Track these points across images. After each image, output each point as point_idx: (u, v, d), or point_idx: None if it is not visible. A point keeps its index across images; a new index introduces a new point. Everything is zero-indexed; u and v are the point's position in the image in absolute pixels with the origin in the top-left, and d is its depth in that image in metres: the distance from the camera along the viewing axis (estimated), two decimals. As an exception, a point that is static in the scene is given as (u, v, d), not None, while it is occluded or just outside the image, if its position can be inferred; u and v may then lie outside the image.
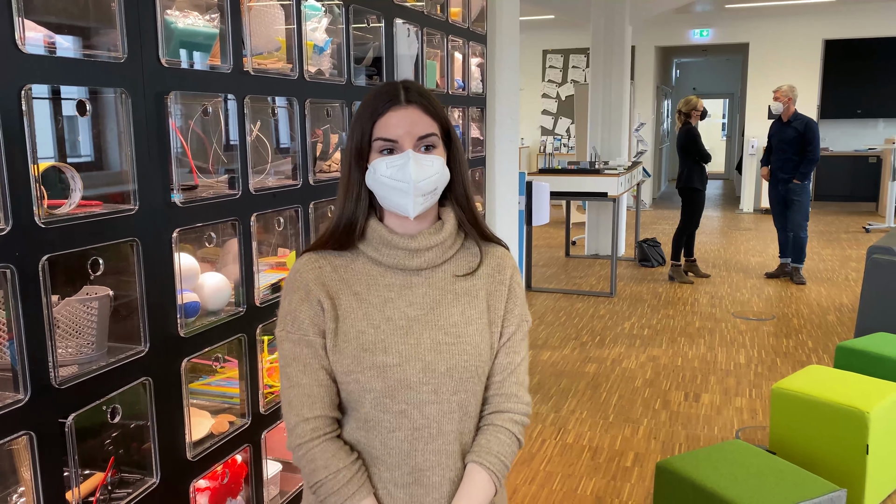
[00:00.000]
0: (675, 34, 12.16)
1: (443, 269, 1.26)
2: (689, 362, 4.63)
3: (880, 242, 4.41)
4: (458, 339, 1.21)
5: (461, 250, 1.29)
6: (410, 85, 1.23)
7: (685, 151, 6.63)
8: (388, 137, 1.20)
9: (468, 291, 1.26)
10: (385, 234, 1.23)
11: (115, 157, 1.44)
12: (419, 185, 1.18)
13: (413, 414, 1.19)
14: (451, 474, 1.23)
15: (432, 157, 1.21)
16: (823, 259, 7.74)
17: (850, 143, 12.09)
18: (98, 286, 1.41)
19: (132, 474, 1.48)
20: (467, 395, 1.23)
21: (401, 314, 1.21)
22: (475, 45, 3.21)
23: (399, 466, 1.21)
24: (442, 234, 1.25)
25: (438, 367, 1.19)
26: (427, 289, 1.24)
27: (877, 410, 2.81)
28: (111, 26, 1.36)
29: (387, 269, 1.24)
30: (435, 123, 1.22)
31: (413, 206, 1.19)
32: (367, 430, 1.21)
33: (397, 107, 1.20)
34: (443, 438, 1.21)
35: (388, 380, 1.17)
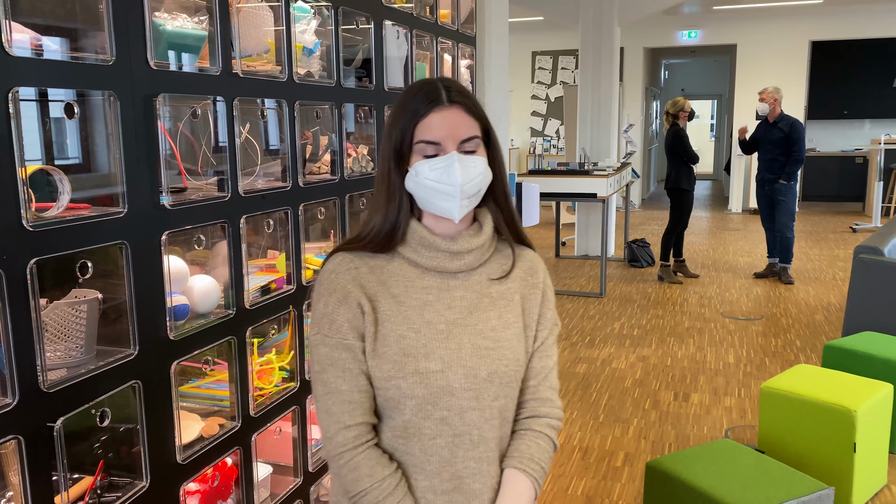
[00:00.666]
0: (664, 35, 12.22)
1: (479, 272, 1.24)
2: (678, 362, 4.65)
3: (867, 242, 4.44)
4: (497, 343, 1.20)
5: (495, 253, 1.27)
6: (451, 84, 1.19)
7: (673, 152, 6.66)
8: (431, 140, 1.16)
9: (504, 295, 1.24)
10: (426, 235, 1.20)
11: (103, 159, 1.43)
12: (465, 188, 1.15)
13: (454, 421, 1.17)
14: (491, 481, 1.21)
15: (476, 158, 1.18)
16: (811, 259, 7.79)
17: (837, 144, 12.18)
18: (87, 289, 1.40)
19: (121, 478, 1.47)
20: (507, 400, 1.21)
21: (440, 318, 1.18)
22: (464, 46, 3.21)
23: (439, 473, 1.18)
24: (482, 236, 1.23)
25: (480, 373, 1.17)
26: (465, 292, 1.22)
27: (864, 409, 2.83)
28: (99, 28, 1.35)
29: (424, 272, 1.21)
30: (477, 124, 1.19)
31: (459, 210, 1.17)
32: (407, 437, 1.17)
33: (440, 107, 1.16)
34: (484, 445, 1.19)
35: (430, 386, 1.15)
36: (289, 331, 1.97)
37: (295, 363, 1.98)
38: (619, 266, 7.59)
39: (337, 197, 2.16)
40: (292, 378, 1.98)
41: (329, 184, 2.12)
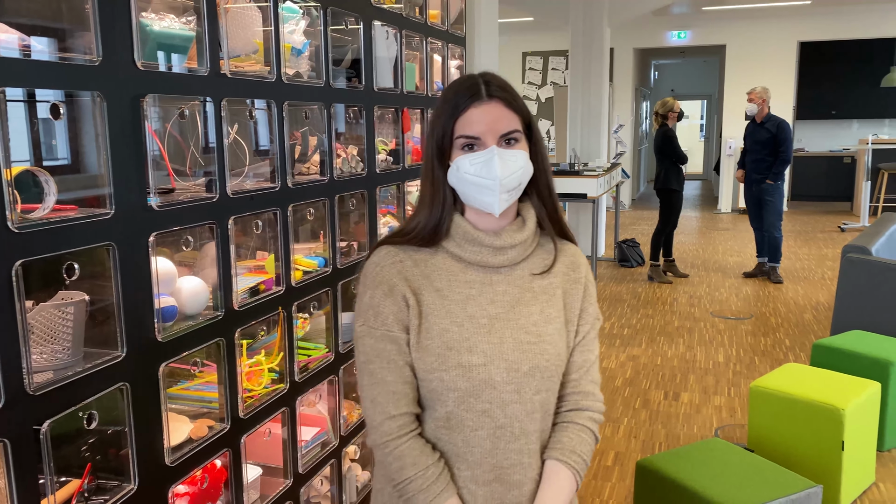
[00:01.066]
0: (653, 36, 12.26)
1: (521, 266, 1.25)
2: (668, 361, 4.67)
3: (855, 241, 4.47)
4: (539, 338, 1.21)
5: (538, 248, 1.28)
6: (491, 78, 1.21)
7: (662, 153, 6.68)
8: (471, 135, 1.17)
9: (546, 290, 1.25)
10: (470, 230, 1.22)
11: (91, 160, 1.42)
12: (504, 182, 1.16)
13: (496, 413, 1.19)
14: (532, 473, 1.23)
15: (516, 151, 1.19)
16: (800, 258, 7.83)
17: (825, 144, 12.25)
18: (73, 291, 1.39)
19: (109, 481, 1.46)
20: (548, 394, 1.23)
21: (483, 312, 1.20)
22: (454, 47, 3.21)
23: (480, 464, 1.20)
24: (525, 231, 1.24)
25: (522, 367, 1.19)
26: (507, 286, 1.23)
27: (852, 407, 2.85)
28: (86, 28, 1.34)
29: (468, 266, 1.23)
30: (517, 118, 1.20)
31: (499, 204, 1.18)
32: (450, 428, 1.20)
33: (479, 102, 1.17)
34: (525, 438, 1.21)
35: (472, 379, 1.17)
36: (278, 332, 1.96)
37: (284, 365, 1.97)
38: (609, 266, 7.61)
39: (326, 197, 2.16)
40: (281, 380, 1.98)
41: (318, 184, 2.12)
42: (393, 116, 2.65)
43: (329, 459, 2.22)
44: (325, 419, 2.23)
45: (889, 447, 3.41)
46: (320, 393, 2.23)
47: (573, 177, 6.55)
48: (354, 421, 2.38)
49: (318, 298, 2.15)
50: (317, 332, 2.21)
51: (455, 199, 1.24)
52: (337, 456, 2.26)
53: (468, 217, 1.24)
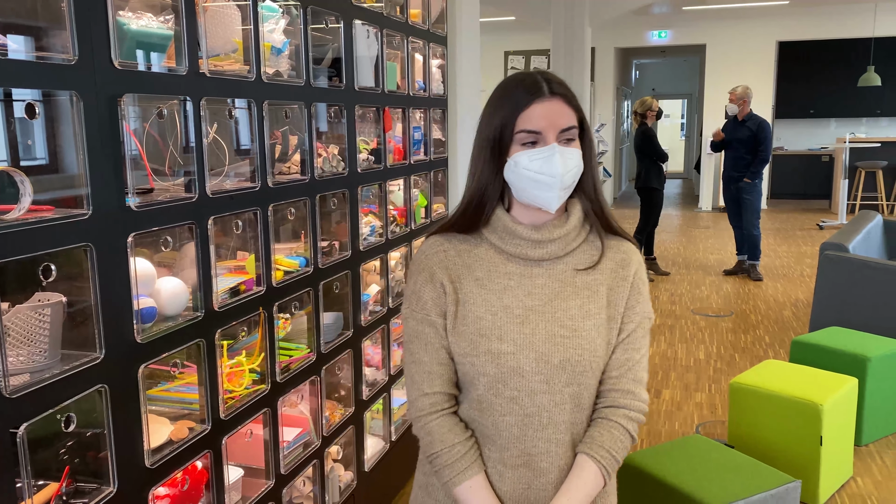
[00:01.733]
0: (634, 36, 12.32)
1: (564, 261, 1.27)
2: (649, 359, 4.69)
3: (832, 239, 4.53)
4: (573, 332, 1.22)
5: (584, 243, 1.29)
6: (551, 76, 1.23)
7: (642, 152, 6.73)
8: (533, 129, 1.20)
9: (589, 286, 1.26)
10: (509, 223, 1.25)
11: (70, 160, 1.41)
12: (564, 179, 1.19)
13: (524, 401, 1.22)
14: (560, 462, 1.25)
15: (573, 149, 1.22)
16: (779, 256, 7.91)
17: (804, 143, 12.39)
18: (51, 293, 1.38)
19: (88, 483, 1.45)
20: (580, 388, 1.24)
21: (519, 303, 1.23)
22: (436, 46, 3.21)
23: (509, 448, 1.24)
24: (567, 226, 1.26)
25: (552, 359, 1.21)
26: (547, 280, 1.25)
27: (830, 403, 2.88)
28: (62, 27, 1.33)
29: (509, 258, 1.26)
30: (575, 115, 1.23)
31: (556, 200, 1.21)
32: (481, 410, 1.25)
33: (541, 99, 1.20)
34: (553, 427, 1.24)
35: (501, 366, 1.21)
36: (259, 333, 1.95)
37: (265, 365, 1.97)
38: (591, 264, 7.63)
39: (307, 197, 2.15)
40: (263, 380, 1.97)
41: (299, 184, 2.11)
42: (374, 116, 2.64)
43: (311, 460, 2.21)
44: (307, 420, 2.22)
45: (866, 442, 3.45)
46: (302, 393, 2.22)
47: (555, 176, 6.56)
48: (337, 421, 2.38)
49: (300, 298, 2.15)
50: (298, 332, 2.20)
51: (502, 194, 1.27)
52: (319, 456, 2.25)
53: (514, 212, 1.27)
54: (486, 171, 1.24)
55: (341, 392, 2.48)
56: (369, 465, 2.59)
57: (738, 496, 2.22)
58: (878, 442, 3.48)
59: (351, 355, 2.46)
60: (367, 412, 2.58)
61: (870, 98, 11.68)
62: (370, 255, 2.58)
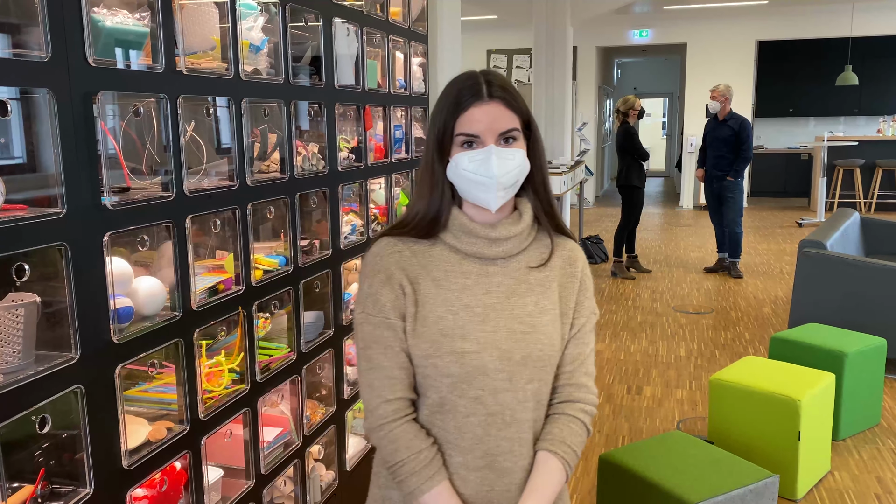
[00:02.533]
0: (616, 35, 12.39)
1: (518, 259, 1.28)
2: (631, 356, 4.73)
3: (811, 237, 4.58)
4: (532, 328, 1.23)
5: (534, 241, 1.31)
6: (493, 78, 1.23)
7: (624, 150, 6.76)
8: (470, 133, 1.21)
9: (542, 282, 1.28)
10: (466, 222, 1.25)
11: (48, 159, 1.39)
12: (501, 180, 1.20)
13: (488, 400, 1.22)
14: (523, 462, 1.25)
15: (513, 150, 1.22)
16: (759, 253, 7.99)
17: (783, 141, 12.51)
18: (25, 293, 1.36)
19: (64, 485, 1.43)
20: (541, 383, 1.26)
21: (478, 301, 1.23)
22: (416, 44, 3.21)
23: (472, 450, 1.23)
24: (521, 224, 1.27)
25: (514, 356, 1.21)
26: (503, 278, 1.26)
27: (808, 398, 2.91)
28: (36, 24, 1.31)
29: (465, 257, 1.26)
30: (516, 117, 1.23)
31: (495, 201, 1.21)
32: (443, 413, 1.23)
33: (480, 102, 1.20)
34: (516, 426, 1.24)
35: (465, 366, 1.20)
36: (238, 332, 1.94)
37: (245, 365, 1.95)
38: (573, 262, 7.66)
39: (287, 196, 2.14)
40: (242, 380, 1.96)
41: (278, 182, 2.10)
42: (354, 114, 2.63)
43: (292, 460, 2.20)
44: (287, 419, 2.21)
45: (844, 436, 3.50)
46: (282, 393, 2.21)
47: (537, 174, 6.58)
48: (318, 421, 2.37)
49: (280, 298, 2.14)
50: (278, 331, 2.19)
51: (454, 192, 1.27)
52: (300, 456, 2.24)
53: (467, 210, 1.28)
54: (437, 171, 1.25)
55: (322, 391, 2.47)
56: (351, 464, 2.58)
57: (717, 491, 2.24)
58: (854, 437, 3.53)
59: (332, 354, 2.45)
60: (348, 411, 2.58)
61: (847, 97, 11.82)
62: (351, 253, 2.57)
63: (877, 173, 10.92)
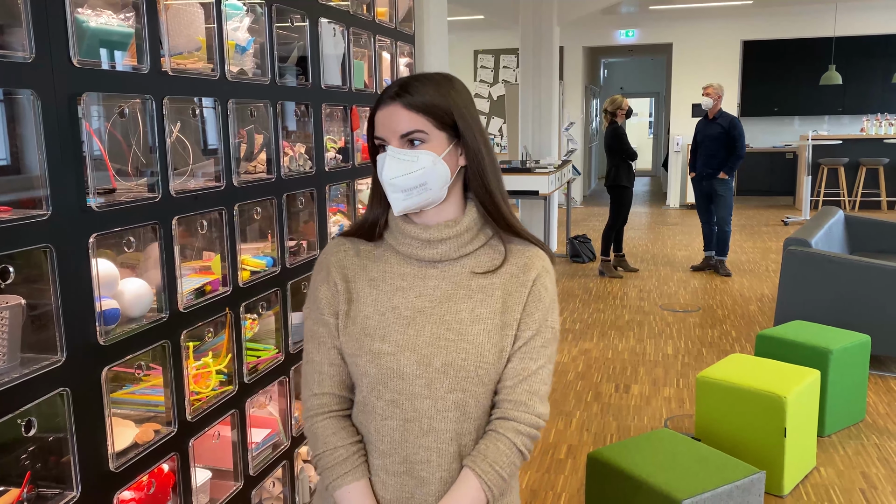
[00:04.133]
0: (602, 35, 12.43)
1: (461, 263, 1.24)
2: (619, 355, 4.75)
3: (796, 234, 4.61)
4: (459, 335, 1.18)
5: (485, 247, 1.25)
6: (410, 80, 1.20)
7: (612, 150, 6.79)
8: (377, 136, 1.21)
9: (483, 289, 1.22)
10: (401, 224, 1.25)
11: (31, 161, 1.38)
12: (395, 182, 1.18)
13: (404, 405, 1.19)
14: (442, 473, 1.20)
15: (417, 151, 1.17)
16: (745, 251, 8.04)
17: (769, 140, 12.60)
18: (9, 295, 1.35)
19: (50, 488, 1.42)
20: (465, 394, 1.18)
21: (408, 304, 1.21)
22: (403, 44, 3.21)
23: (391, 454, 1.21)
24: (458, 227, 1.23)
25: (434, 362, 1.17)
26: (440, 282, 1.22)
27: (793, 395, 2.94)
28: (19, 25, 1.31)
29: (404, 259, 1.25)
30: (422, 118, 1.17)
31: (396, 203, 1.20)
32: (365, 413, 1.23)
33: (383, 105, 1.20)
34: (434, 435, 1.19)
35: (381, 367, 1.18)
36: (226, 333, 1.94)
37: (232, 366, 1.95)
38: (561, 262, 7.70)
39: (274, 196, 2.14)
40: (230, 381, 1.95)
41: (265, 183, 2.09)
42: (341, 114, 2.63)
43: (281, 461, 2.20)
44: (275, 420, 2.21)
45: (829, 432, 3.53)
46: (270, 394, 2.20)
47: (525, 174, 6.61)
48: (306, 421, 2.36)
49: (267, 299, 2.13)
50: (266, 332, 2.19)
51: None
52: (289, 457, 2.24)
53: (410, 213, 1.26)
54: (375, 175, 1.25)
55: (311, 392, 2.47)
56: (340, 464, 2.58)
57: (704, 488, 2.26)
58: (839, 433, 3.56)
59: (320, 355, 2.44)
60: (337, 412, 2.57)
61: (831, 96, 11.92)
62: (339, 254, 2.56)
63: (860, 171, 11.02)
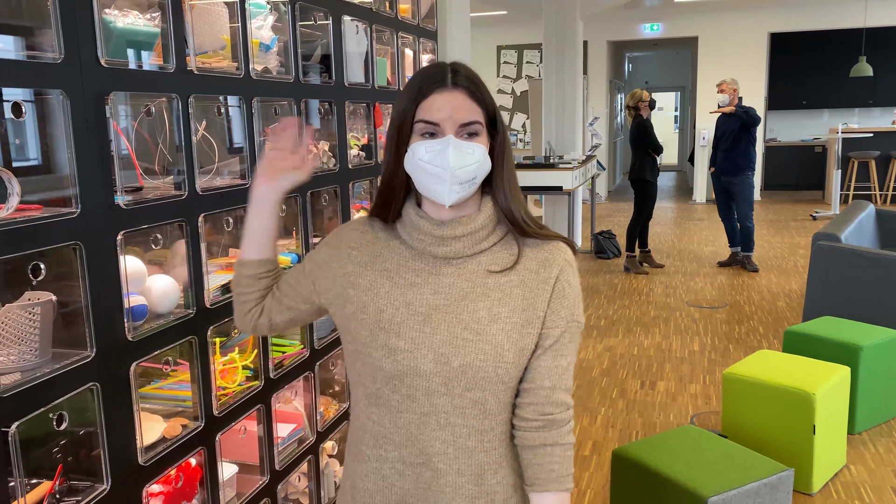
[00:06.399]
0: (626, 29, 12.33)
1: (477, 260, 1.21)
2: (644, 351, 4.72)
3: (825, 229, 4.54)
4: (478, 336, 1.16)
5: (501, 244, 1.23)
6: (459, 67, 1.18)
7: (638, 143, 6.74)
8: (430, 120, 1.15)
9: (501, 287, 1.19)
10: (415, 218, 1.21)
11: (62, 160, 1.41)
12: (457, 173, 1.14)
13: (421, 400, 1.17)
14: (460, 465, 1.19)
15: (474, 144, 1.16)
16: (773, 247, 7.94)
17: (797, 134, 12.41)
18: (41, 291, 1.38)
19: (81, 482, 1.45)
20: (484, 394, 1.17)
21: (423, 301, 1.18)
22: (426, 41, 3.21)
23: (407, 446, 1.19)
24: (473, 224, 1.20)
25: (452, 362, 1.15)
26: (456, 279, 1.19)
27: (822, 392, 2.90)
28: (48, 26, 1.33)
29: (418, 254, 1.22)
30: (480, 110, 1.17)
31: (449, 195, 1.15)
32: (378, 406, 1.20)
33: (443, 89, 1.15)
34: (452, 429, 1.18)
35: (397, 363, 1.16)
36: (251, 329, 1.95)
37: (258, 361, 1.97)
38: (586, 258, 7.66)
39: (298, 194, 2.15)
40: (256, 377, 1.97)
41: (290, 181, 2.10)
42: (365, 111, 2.64)
43: (306, 456, 2.22)
44: (301, 415, 2.23)
45: (859, 430, 3.47)
46: (296, 389, 2.22)
47: (549, 170, 6.58)
48: (331, 417, 2.38)
49: (292, 295, 2.14)
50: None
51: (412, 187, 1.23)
52: (314, 452, 2.26)
53: (424, 206, 1.23)
54: (393, 161, 1.21)
55: (335, 387, 2.49)
56: (365, 460, 2.59)
57: (731, 485, 2.24)
58: (870, 430, 3.51)
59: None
60: (361, 407, 2.59)
61: (862, 88, 11.71)
62: (362, 250, 2.58)
63: (892, 165, 10.81)
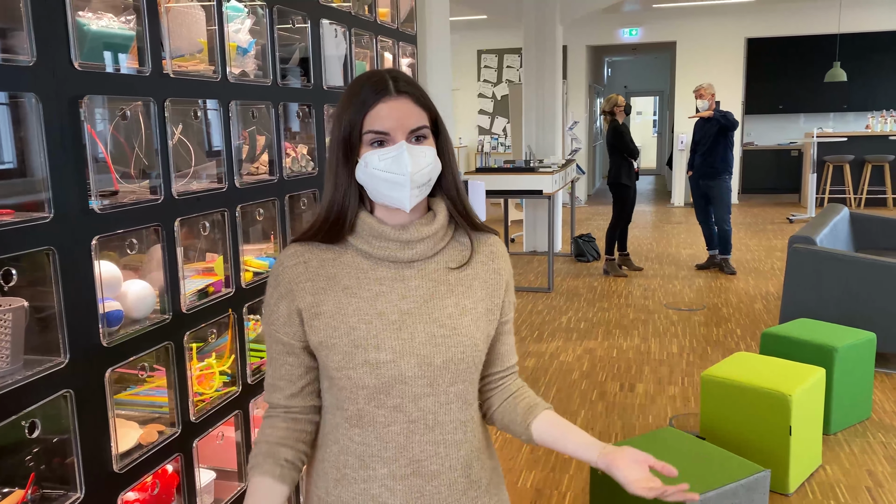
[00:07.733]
0: (606, 33, 12.41)
1: (435, 260, 1.24)
2: (624, 353, 4.74)
3: (801, 232, 4.60)
4: (453, 330, 1.20)
5: (452, 241, 1.27)
6: (398, 75, 1.20)
7: (613, 147, 6.79)
8: (381, 130, 1.16)
9: (462, 282, 1.24)
10: (375, 225, 1.21)
11: (36, 164, 1.39)
12: (415, 178, 1.16)
13: (408, 407, 1.18)
14: (449, 462, 1.22)
15: (425, 147, 1.18)
16: (750, 249, 8.02)
17: (773, 138, 12.56)
18: (12, 297, 1.36)
19: (55, 490, 1.43)
20: (465, 384, 1.23)
21: (393, 308, 1.19)
22: (405, 45, 3.21)
23: (397, 460, 1.20)
24: (434, 225, 1.23)
25: (435, 361, 1.18)
26: (420, 281, 1.22)
27: (798, 393, 2.93)
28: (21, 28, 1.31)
29: (377, 263, 1.22)
30: (425, 114, 1.20)
31: (409, 199, 1.17)
32: (362, 426, 1.20)
33: (388, 98, 1.16)
34: (440, 428, 1.20)
35: (381, 377, 1.16)
36: (229, 335, 1.94)
37: (236, 367, 1.96)
38: (566, 261, 7.69)
39: (276, 197, 2.14)
40: (234, 382, 1.96)
41: (267, 184, 2.10)
42: (344, 115, 2.63)
43: (285, 461, 2.20)
44: (279, 421, 2.21)
45: (834, 430, 3.52)
46: (274, 394, 2.21)
47: (529, 173, 6.60)
48: (310, 422, 2.37)
49: (270, 299, 2.13)
50: (270, 333, 2.19)
51: (362, 196, 1.23)
52: (293, 457, 2.24)
53: (378, 214, 1.23)
54: (342, 173, 1.20)
55: (315, 392, 2.47)
56: (344, 465, 2.58)
57: (709, 486, 2.26)
58: (845, 430, 3.55)
59: (324, 355, 2.45)
60: (341, 412, 2.58)
61: (836, 93, 11.88)
62: (342, 254, 2.57)
63: (866, 169, 10.98)
